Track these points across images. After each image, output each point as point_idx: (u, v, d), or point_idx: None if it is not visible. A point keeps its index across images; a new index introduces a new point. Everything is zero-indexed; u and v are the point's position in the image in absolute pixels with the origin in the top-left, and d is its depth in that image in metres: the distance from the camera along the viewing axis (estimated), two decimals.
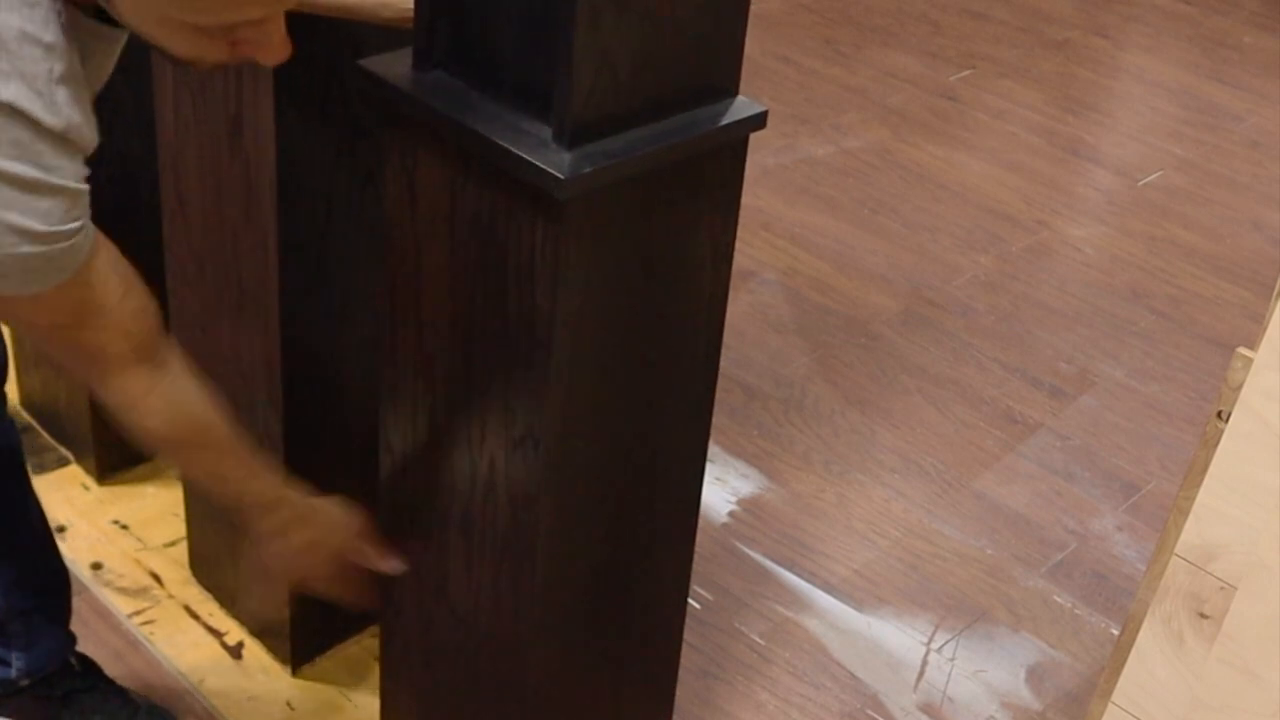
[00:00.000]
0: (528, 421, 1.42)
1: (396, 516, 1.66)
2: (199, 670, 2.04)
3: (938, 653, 2.23)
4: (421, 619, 1.70)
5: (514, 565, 1.53)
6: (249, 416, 1.88)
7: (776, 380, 2.78)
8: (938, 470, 2.60)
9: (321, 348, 1.83)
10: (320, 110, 1.68)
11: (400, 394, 1.57)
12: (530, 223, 1.33)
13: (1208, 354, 2.99)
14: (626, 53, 1.29)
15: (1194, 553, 1.35)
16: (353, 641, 2.09)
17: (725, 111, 1.40)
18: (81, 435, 2.30)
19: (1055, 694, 2.18)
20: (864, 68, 4.08)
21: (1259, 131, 3.95)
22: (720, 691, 2.12)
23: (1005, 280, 3.17)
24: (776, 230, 3.26)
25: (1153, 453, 2.70)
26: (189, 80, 1.73)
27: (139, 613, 2.11)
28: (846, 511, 2.49)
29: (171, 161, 1.82)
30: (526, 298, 1.37)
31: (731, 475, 2.54)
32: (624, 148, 1.31)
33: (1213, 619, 1.36)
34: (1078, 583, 2.38)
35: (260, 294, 1.77)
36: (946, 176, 3.56)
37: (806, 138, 3.67)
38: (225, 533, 2.05)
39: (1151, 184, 3.64)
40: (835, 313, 3.00)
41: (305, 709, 2.00)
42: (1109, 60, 4.33)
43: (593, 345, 1.41)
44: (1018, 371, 2.88)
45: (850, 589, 2.33)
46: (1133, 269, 3.26)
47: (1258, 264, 3.32)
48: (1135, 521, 2.53)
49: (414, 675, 1.77)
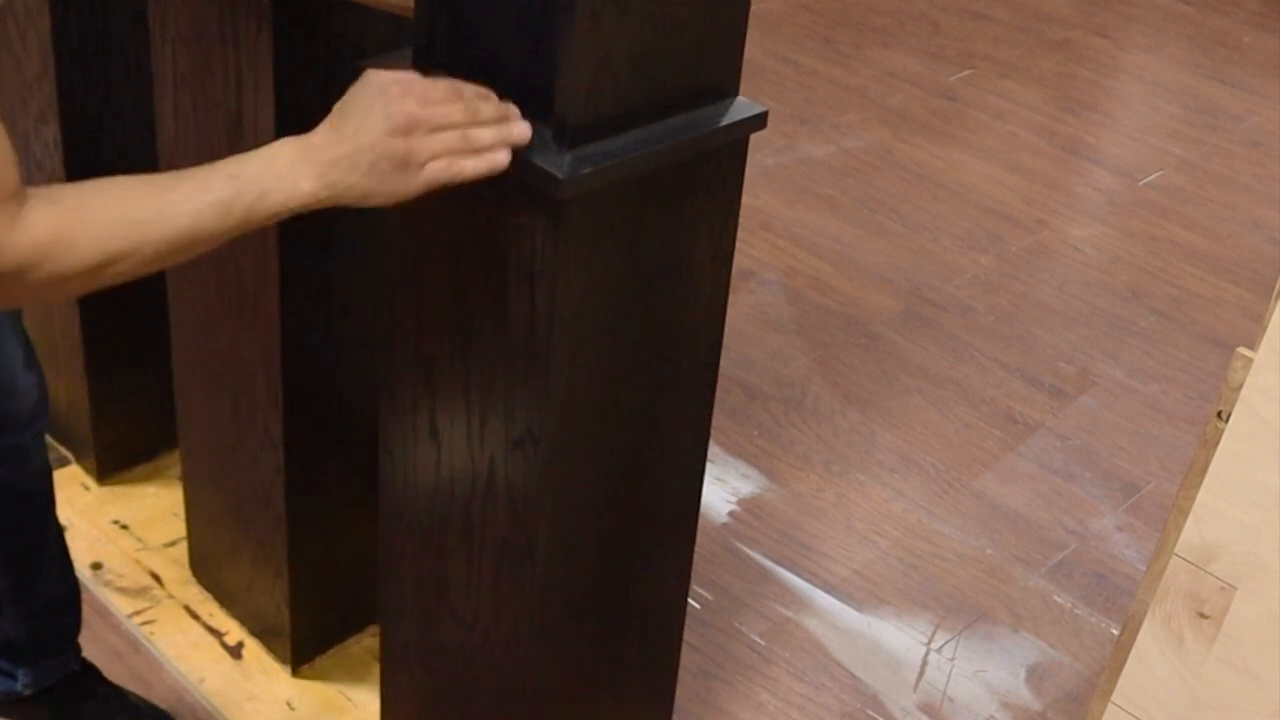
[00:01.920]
0: (528, 421, 1.43)
1: (396, 517, 1.66)
2: (199, 670, 2.04)
3: (938, 653, 2.23)
4: (421, 619, 1.70)
5: (514, 565, 1.53)
6: (249, 416, 1.89)
7: (776, 380, 2.78)
8: (938, 470, 2.60)
9: (321, 348, 1.83)
10: (320, 110, 1.68)
11: (400, 394, 1.57)
12: (530, 223, 1.33)
13: (1208, 354, 2.99)
14: (626, 53, 1.29)
15: (1194, 553, 1.36)
16: (353, 641, 2.09)
17: (725, 112, 1.40)
18: (81, 435, 2.30)
19: (1055, 694, 2.18)
20: (864, 68, 4.08)
21: (1259, 131, 3.95)
22: (720, 691, 2.12)
23: (1005, 280, 3.17)
24: (776, 230, 3.26)
25: (1153, 453, 2.70)
26: (189, 80, 1.73)
27: (139, 613, 2.11)
28: (846, 511, 2.49)
29: (171, 161, 1.82)
30: (526, 298, 1.37)
31: (731, 475, 2.54)
32: (624, 148, 1.31)
33: (1213, 619, 1.36)
34: (1078, 583, 2.38)
35: (260, 294, 1.77)
36: (946, 176, 3.56)
37: (806, 138, 3.67)
38: (225, 533, 2.05)
39: (1151, 184, 3.64)
40: (835, 313, 3.00)
41: (305, 709, 2.00)
42: (1109, 60, 4.33)
43: (593, 345, 1.41)
44: (1017, 371, 2.88)
45: (850, 589, 2.33)
46: (1133, 269, 3.26)
47: (1258, 264, 3.32)
48: (1135, 521, 2.53)
49: (414, 675, 1.77)
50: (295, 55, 1.62)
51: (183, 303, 1.93)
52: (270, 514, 1.93)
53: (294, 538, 1.93)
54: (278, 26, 1.58)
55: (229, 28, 1.63)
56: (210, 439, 2.00)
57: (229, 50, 1.65)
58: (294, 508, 1.90)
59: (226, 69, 1.66)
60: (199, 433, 2.02)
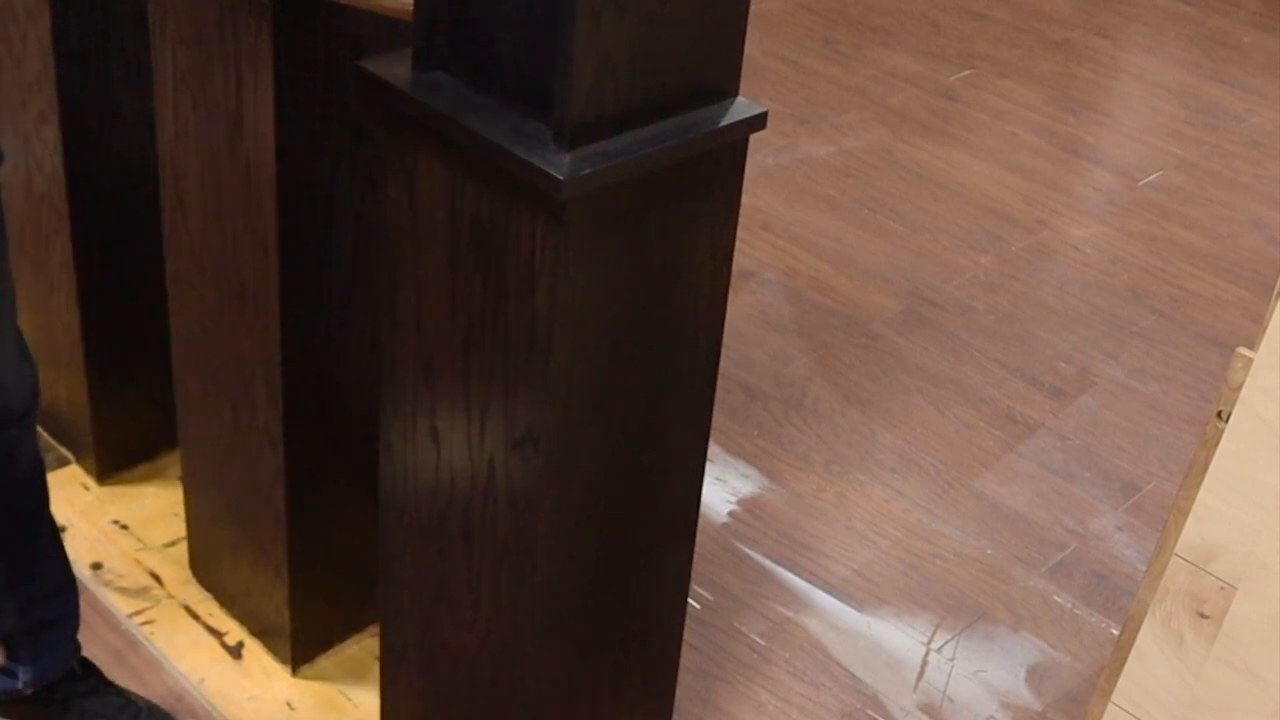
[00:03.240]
0: (528, 421, 1.43)
1: (396, 517, 1.66)
2: (199, 670, 2.04)
3: (938, 653, 2.23)
4: (421, 619, 1.70)
5: (514, 565, 1.53)
6: (249, 416, 1.89)
7: (776, 380, 2.78)
8: (938, 470, 2.60)
9: (321, 348, 1.83)
10: (320, 110, 1.68)
11: (400, 394, 1.57)
12: (530, 224, 1.33)
13: (1208, 354, 2.99)
14: (626, 53, 1.29)
15: (1194, 553, 1.36)
16: (353, 641, 2.09)
17: (725, 112, 1.40)
18: (81, 435, 2.30)
19: (1055, 694, 2.18)
20: (864, 68, 4.08)
21: (1259, 131, 3.95)
22: (720, 691, 2.12)
23: (1005, 280, 3.17)
24: (776, 230, 3.26)
25: (1153, 453, 2.70)
26: (189, 80, 1.73)
27: (139, 613, 2.11)
28: (846, 511, 2.49)
29: (171, 161, 1.82)
30: (526, 298, 1.37)
31: (731, 475, 2.54)
32: (623, 149, 1.31)
33: (1213, 619, 1.36)
34: (1078, 583, 2.39)
35: (260, 294, 1.77)
36: (946, 176, 3.56)
37: (806, 138, 3.67)
38: (225, 533, 2.05)
39: (1151, 184, 3.64)
40: (835, 313, 3.00)
41: (305, 709, 2.00)
42: (1109, 60, 4.33)
43: (593, 345, 1.41)
44: (1017, 371, 2.88)
45: (850, 589, 2.33)
46: (1133, 269, 3.26)
47: (1258, 264, 3.32)
48: (1135, 521, 2.53)
49: (414, 675, 1.77)
50: (295, 55, 1.62)
51: (183, 303, 1.93)
52: (270, 514, 1.93)
53: (294, 538, 1.93)
54: (278, 26, 1.58)
55: (229, 28, 1.63)
56: (210, 439, 2.00)
57: (229, 50, 1.65)
58: (294, 508, 1.90)
59: (226, 69, 1.66)
60: (199, 433, 2.02)
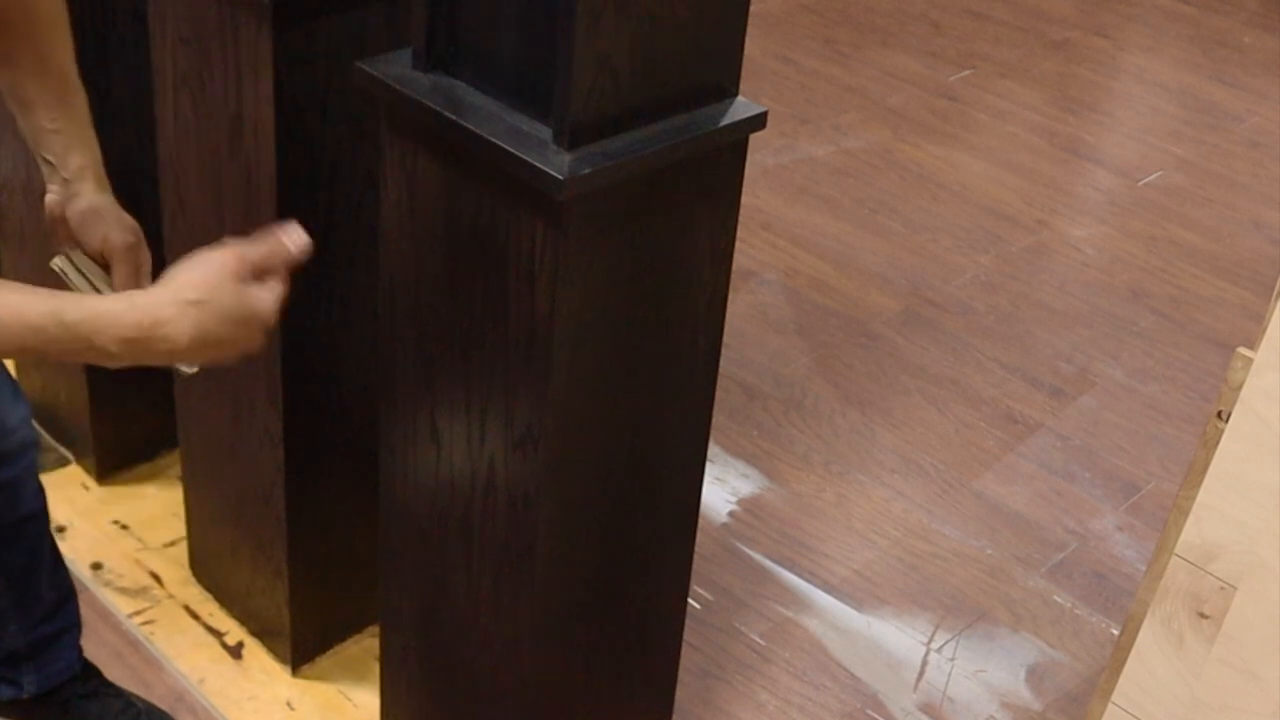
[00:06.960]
0: (528, 421, 1.43)
1: (396, 517, 1.66)
2: (199, 670, 2.04)
3: (938, 653, 2.23)
4: (421, 619, 1.70)
5: (514, 565, 1.53)
6: (249, 416, 1.89)
7: (776, 380, 2.78)
8: (938, 470, 2.60)
9: (321, 348, 1.83)
10: (320, 110, 1.68)
11: (400, 394, 1.57)
12: (530, 224, 1.33)
13: (1208, 354, 2.99)
14: (626, 53, 1.29)
15: (1194, 553, 1.36)
16: (353, 641, 2.09)
17: (725, 112, 1.40)
18: (81, 435, 2.30)
19: (1055, 694, 2.18)
20: (864, 68, 4.08)
21: (1259, 131, 3.95)
22: (720, 691, 2.12)
23: (1005, 280, 3.17)
24: (776, 230, 3.26)
25: (1153, 453, 2.70)
26: (189, 80, 1.73)
27: (139, 613, 2.11)
28: (846, 511, 2.49)
29: (171, 161, 1.82)
30: (526, 298, 1.37)
31: (731, 475, 2.54)
32: (624, 149, 1.31)
33: (1213, 619, 1.36)
34: (1078, 583, 2.38)
35: None
36: (946, 176, 3.56)
37: (806, 138, 3.67)
38: (225, 533, 2.05)
39: (1151, 184, 3.64)
40: (835, 313, 3.00)
41: (305, 709, 2.00)
42: (1109, 60, 4.33)
43: (593, 345, 1.41)
44: (1017, 371, 2.88)
45: (850, 589, 2.33)
46: (1133, 269, 3.26)
47: (1258, 264, 3.32)
48: (1135, 521, 2.53)
49: (414, 675, 1.77)
50: (295, 55, 1.62)
51: None
52: (270, 514, 1.93)
53: (294, 538, 1.93)
54: (278, 26, 1.58)
55: (229, 28, 1.63)
56: (210, 439, 2.00)
57: (229, 50, 1.65)
58: (294, 508, 1.90)
59: (226, 69, 1.66)
60: (199, 433, 2.02)
